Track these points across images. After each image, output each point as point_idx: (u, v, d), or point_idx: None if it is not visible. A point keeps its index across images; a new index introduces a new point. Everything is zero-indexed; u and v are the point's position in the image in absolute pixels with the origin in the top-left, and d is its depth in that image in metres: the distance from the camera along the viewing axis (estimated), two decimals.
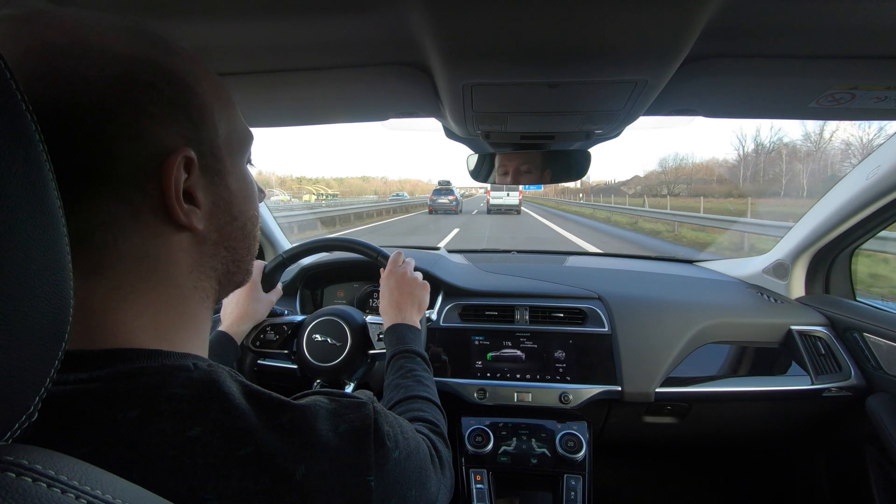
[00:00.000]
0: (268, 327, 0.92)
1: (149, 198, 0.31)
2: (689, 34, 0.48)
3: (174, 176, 0.31)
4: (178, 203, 0.32)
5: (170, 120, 0.31)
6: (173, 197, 0.31)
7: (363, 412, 0.36)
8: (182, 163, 0.32)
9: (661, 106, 0.73)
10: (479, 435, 1.05)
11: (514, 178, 1.06)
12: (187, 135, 0.33)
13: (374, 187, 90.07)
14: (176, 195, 0.32)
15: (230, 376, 0.33)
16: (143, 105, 0.30)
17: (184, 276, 0.34)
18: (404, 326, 0.76)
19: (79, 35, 0.29)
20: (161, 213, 0.32)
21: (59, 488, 0.20)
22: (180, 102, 0.32)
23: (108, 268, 0.30)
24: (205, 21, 0.51)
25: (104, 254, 0.30)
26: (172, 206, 0.32)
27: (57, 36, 0.29)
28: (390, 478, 0.35)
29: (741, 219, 10.87)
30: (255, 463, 0.29)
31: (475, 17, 0.46)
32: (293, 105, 0.80)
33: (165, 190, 0.31)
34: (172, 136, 0.32)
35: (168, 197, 0.31)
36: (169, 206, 0.32)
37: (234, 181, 0.37)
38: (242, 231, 0.39)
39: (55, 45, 0.28)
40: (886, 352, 1.04)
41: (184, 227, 0.33)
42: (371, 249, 0.95)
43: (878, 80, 0.61)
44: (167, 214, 0.32)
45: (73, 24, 0.30)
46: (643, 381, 1.08)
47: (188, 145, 0.32)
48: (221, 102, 0.36)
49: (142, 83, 0.30)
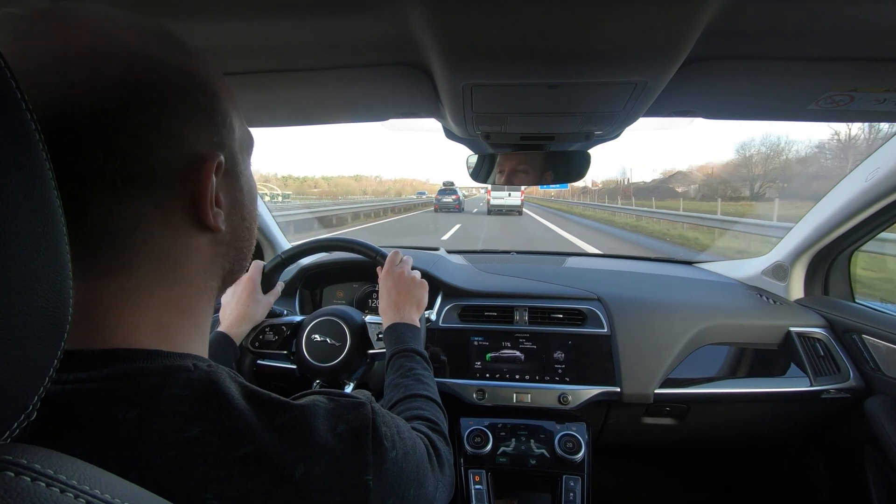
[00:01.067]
0: (267, 328, 0.92)
1: (180, 201, 0.32)
2: (689, 36, 0.49)
3: (210, 181, 0.32)
4: (211, 207, 0.33)
5: (201, 126, 0.33)
6: (208, 202, 0.33)
7: (361, 412, 0.36)
8: (215, 168, 0.33)
9: (661, 107, 0.73)
10: (478, 435, 1.05)
11: (514, 179, 1.06)
12: (215, 139, 0.34)
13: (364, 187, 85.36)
14: (210, 200, 0.33)
15: (230, 377, 0.33)
16: (180, 111, 0.31)
17: (198, 277, 0.35)
18: (403, 325, 0.76)
19: (115, 37, 0.29)
20: (190, 215, 0.33)
21: (58, 487, 0.20)
22: (209, 109, 0.33)
23: (132, 268, 0.31)
24: (206, 21, 0.51)
25: (131, 254, 0.31)
26: (205, 210, 0.33)
27: (92, 38, 0.29)
28: (388, 477, 0.35)
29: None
30: (254, 463, 0.29)
31: (475, 17, 0.46)
32: (293, 105, 0.80)
33: (199, 194, 0.32)
34: (204, 141, 0.33)
35: (202, 201, 0.32)
36: (201, 209, 0.33)
37: (245, 183, 0.39)
38: (249, 231, 0.40)
39: (94, 48, 0.28)
40: (885, 354, 1.04)
41: (209, 228, 0.34)
42: (370, 249, 0.95)
43: (877, 83, 0.61)
44: (195, 217, 0.33)
45: (105, 25, 0.30)
46: (642, 382, 1.08)
47: (217, 150, 0.34)
48: (234, 106, 0.37)
49: (177, 90, 0.31)
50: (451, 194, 22.56)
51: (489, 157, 1.05)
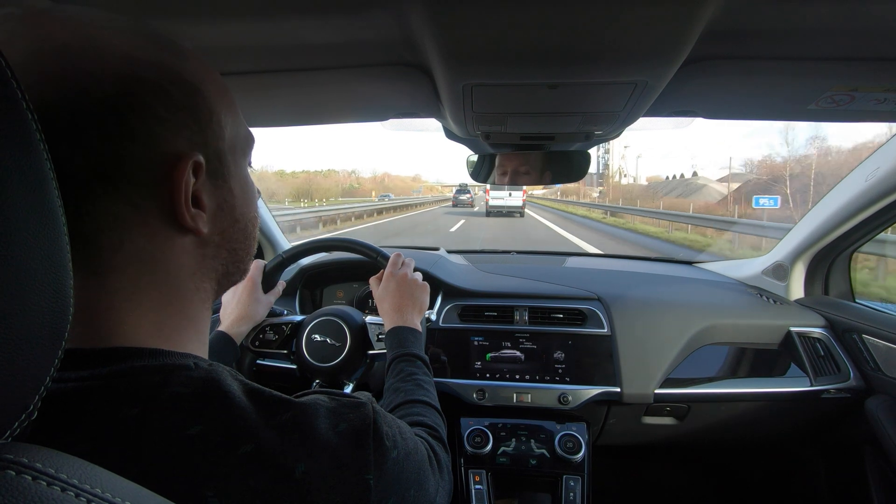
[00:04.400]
0: (267, 327, 0.92)
1: (156, 201, 0.31)
2: (690, 36, 0.49)
3: (184, 181, 0.31)
4: (187, 208, 0.32)
5: (179, 124, 0.32)
6: (182, 202, 0.32)
7: (363, 412, 0.36)
8: (191, 167, 0.32)
9: (661, 107, 0.73)
10: (479, 435, 1.05)
11: (513, 179, 1.07)
12: (195, 139, 0.33)
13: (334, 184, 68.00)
14: (185, 200, 0.32)
15: (230, 375, 0.33)
16: (153, 108, 0.30)
17: (186, 278, 0.35)
18: (406, 329, 0.76)
19: (90, 35, 0.29)
20: (167, 216, 0.32)
21: (59, 486, 0.20)
22: (189, 106, 0.32)
23: (113, 269, 0.30)
24: (205, 21, 0.51)
25: (109, 255, 0.30)
26: (180, 211, 0.32)
27: (68, 36, 0.29)
28: (389, 477, 0.36)
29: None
30: (255, 461, 0.29)
31: (475, 18, 0.46)
32: (293, 105, 0.80)
33: (174, 194, 0.31)
34: (181, 140, 0.32)
35: (176, 201, 0.31)
36: (177, 210, 0.32)
37: (236, 184, 0.37)
38: (244, 233, 0.39)
39: (68, 46, 0.28)
40: (885, 353, 1.04)
41: (189, 230, 0.33)
42: (371, 250, 0.95)
43: (877, 82, 0.61)
44: (174, 218, 0.32)
45: (82, 23, 0.30)
46: (642, 382, 1.08)
47: (196, 149, 0.32)
48: (226, 105, 0.36)
49: (152, 86, 0.30)
50: (466, 193, 30.50)
51: (489, 156, 1.05)
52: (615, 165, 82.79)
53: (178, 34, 0.52)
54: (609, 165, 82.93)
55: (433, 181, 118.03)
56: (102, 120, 0.28)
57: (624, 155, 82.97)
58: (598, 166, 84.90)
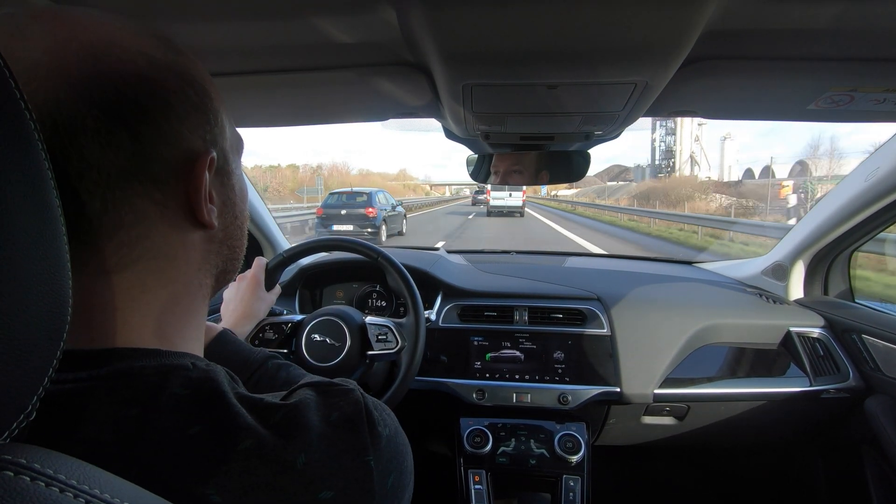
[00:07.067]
0: (267, 326, 0.92)
1: (175, 197, 0.32)
2: (689, 36, 0.49)
3: (204, 177, 0.33)
4: (205, 203, 0.34)
5: (196, 123, 0.33)
6: (202, 197, 0.33)
7: (352, 398, 0.36)
8: (209, 164, 0.33)
9: (661, 107, 0.73)
10: (478, 435, 1.05)
11: (513, 179, 1.07)
12: (208, 137, 0.34)
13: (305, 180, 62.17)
14: (205, 195, 0.33)
15: (227, 376, 0.33)
16: (175, 108, 0.32)
17: (193, 274, 0.36)
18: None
19: (112, 36, 0.30)
20: (185, 211, 0.33)
21: (58, 487, 0.20)
22: (202, 107, 0.34)
23: (127, 266, 0.31)
24: (204, 21, 0.51)
25: (126, 252, 0.31)
26: (199, 206, 0.33)
27: (91, 36, 0.29)
28: (386, 455, 0.36)
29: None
30: (255, 456, 0.29)
31: (475, 17, 0.46)
32: (293, 105, 0.80)
33: (194, 190, 0.33)
34: (198, 138, 0.33)
35: (196, 197, 0.33)
36: (195, 205, 0.33)
37: (236, 181, 0.39)
38: (241, 230, 0.41)
39: (93, 45, 0.29)
40: (885, 353, 1.04)
41: (203, 225, 0.34)
42: (371, 250, 0.95)
43: (877, 83, 0.61)
44: (191, 213, 0.33)
45: (101, 24, 0.30)
46: (642, 382, 1.08)
47: (210, 147, 0.34)
48: (224, 106, 0.38)
49: (172, 86, 0.32)
50: (482, 194, 33.96)
51: (489, 157, 1.05)
52: (685, 152, 57.07)
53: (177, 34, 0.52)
54: (675, 150, 57.54)
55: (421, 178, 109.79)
56: (133, 119, 0.29)
57: (698, 136, 56.78)
58: (656, 154, 60.79)
